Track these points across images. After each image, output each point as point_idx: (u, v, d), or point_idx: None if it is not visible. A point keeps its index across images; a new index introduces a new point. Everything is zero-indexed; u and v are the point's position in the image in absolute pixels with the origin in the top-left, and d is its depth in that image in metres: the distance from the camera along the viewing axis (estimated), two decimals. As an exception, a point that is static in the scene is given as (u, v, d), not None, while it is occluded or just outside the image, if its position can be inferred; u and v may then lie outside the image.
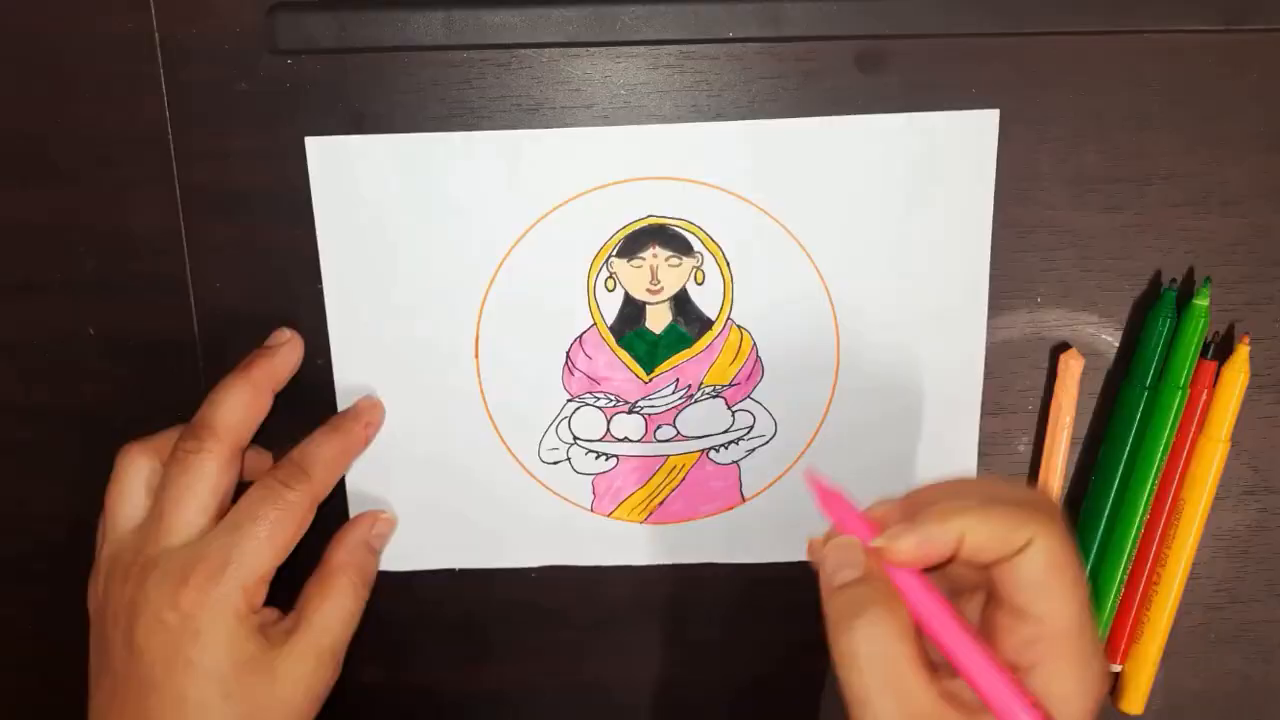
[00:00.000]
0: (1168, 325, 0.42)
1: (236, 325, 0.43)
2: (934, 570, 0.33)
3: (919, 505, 0.33)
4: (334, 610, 0.41)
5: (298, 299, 0.43)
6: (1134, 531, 0.44)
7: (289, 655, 0.39)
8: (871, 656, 0.31)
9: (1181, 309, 0.42)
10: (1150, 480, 0.43)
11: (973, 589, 0.35)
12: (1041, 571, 0.31)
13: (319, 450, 0.41)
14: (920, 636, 0.32)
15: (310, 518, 0.41)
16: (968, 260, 0.43)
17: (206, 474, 0.39)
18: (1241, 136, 0.42)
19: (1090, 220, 0.43)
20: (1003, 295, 0.44)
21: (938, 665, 0.32)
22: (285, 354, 0.42)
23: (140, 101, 0.42)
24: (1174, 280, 0.43)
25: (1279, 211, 0.43)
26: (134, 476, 0.41)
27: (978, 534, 0.32)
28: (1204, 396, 0.43)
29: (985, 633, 0.33)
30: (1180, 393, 0.42)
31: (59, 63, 0.42)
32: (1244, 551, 0.45)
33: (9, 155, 0.42)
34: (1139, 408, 0.43)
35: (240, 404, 0.40)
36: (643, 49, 0.42)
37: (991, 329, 0.44)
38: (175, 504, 0.39)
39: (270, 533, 0.39)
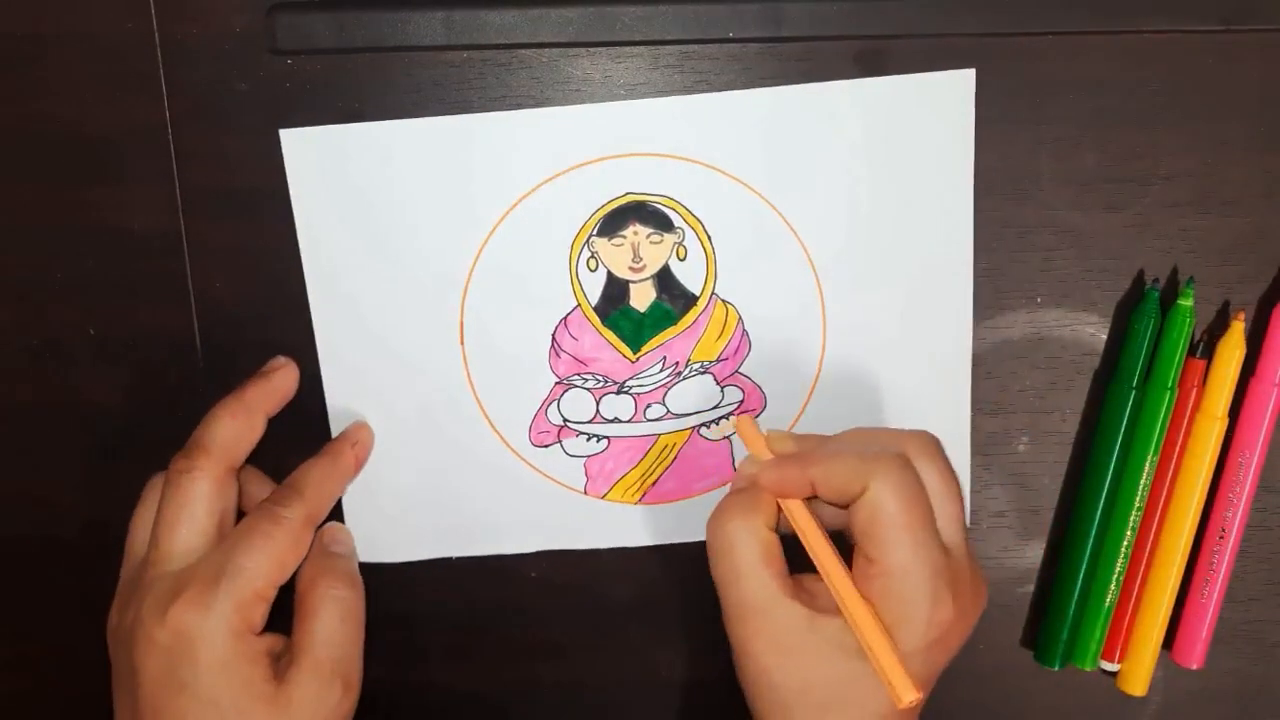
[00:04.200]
0: (1152, 325, 0.42)
1: (236, 325, 0.43)
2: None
3: (809, 445, 0.39)
4: (322, 624, 0.40)
5: (298, 299, 0.43)
6: (1127, 532, 0.44)
7: (290, 683, 0.38)
8: (723, 548, 0.37)
9: (1168, 310, 0.42)
10: (1139, 482, 0.43)
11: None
12: (867, 519, 0.36)
13: (309, 472, 0.42)
14: (778, 543, 0.38)
15: (307, 538, 0.41)
16: (951, 221, 0.43)
17: (199, 494, 0.39)
18: (1241, 136, 0.42)
19: (1090, 220, 0.43)
20: (1003, 295, 0.44)
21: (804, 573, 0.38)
22: (279, 378, 0.42)
23: (140, 101, 0.42)
24: (1156, 280, 0.43)
25: (1279, 211, 0.43)
26: (152, 505, 0.41)
27: (823, 481, 0.37)
28: (1193, 396, 0.43)
29: (853, 560, 0.37)
30: (1169, 393, 0.42)
31: (59, 63, 0.42)
32: (1244, 551, 0.45)
33: (9, 154, 0.42)
34: (1126, 407, 0.43)
35: (232, 424, 0.40)
36: (643, 49, 0.42)
37: (991, 329, 0.44)
38: (168, 524, 0.39)
39: (264, 546, 0.39)
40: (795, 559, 0.38)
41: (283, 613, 0.40)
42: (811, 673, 0.36)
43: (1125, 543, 0.44)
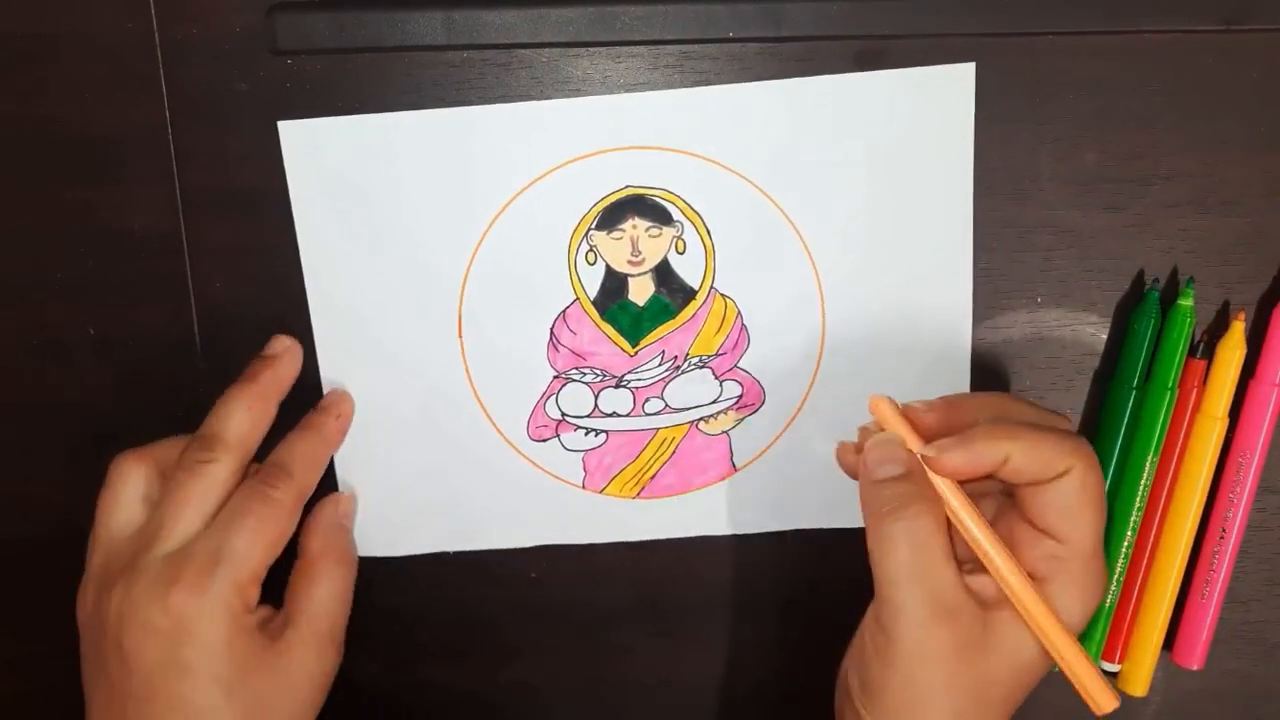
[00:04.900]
0: (1152, 325, 0.42)
1: (236, 325, 0.43)
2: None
3: (960, 417, 0.37)
4: (324, 595, 0.41)
5: (298, 298, 0.43)
6: (1127, 533, 0.44)
7: (288, 647, 0.40)
8: (911, 546, 0.35)
9: (1168, 310, 0.42)
10: (1139, 482, 0.43)
11: (983, 495, 0.38)
12: (1074, 499, 0.35)
13: (295, 448, 0.42)
14: (950, 534, 0.36)
15: (297, 515, 0.41)
16: (951, 215, 0.42)
17: (215, 483, 0.40)
18: (1241, 136, 0.42)
19: (1090, 220, 0.43)
20: (1003, 295, 0.44)
21: (963, 561, 0.36)
22: (286, 362, 0.42)
23: (140, 101, 0.42)
24: (1156, 280, 0.43)
25: (1279, 211, 0.43)
26: (128, 486, 0.41)
27: (1023, 458, 0.35)
28: (1193, 396, 0.43)
29: (1005, 541, 0.36)
30: (1169, 393, 0.42)
31: (59, 63, 0.42)
32: (1244, 551, 0.45)
33: (9, 154, 0.42)
34: (1126, 407, 0.43)
35: (248, 414, 0.41)
36: (643, 49, 0.42)
37: (991, 329, 0.44)
38: (177, 511, 0.39)
39: (259, 528, 0.39)
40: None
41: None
42: (993, 672, 0.36)
43: (1125, 543, 0.44)
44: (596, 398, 0.44)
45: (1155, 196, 0.43)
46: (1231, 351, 0.42)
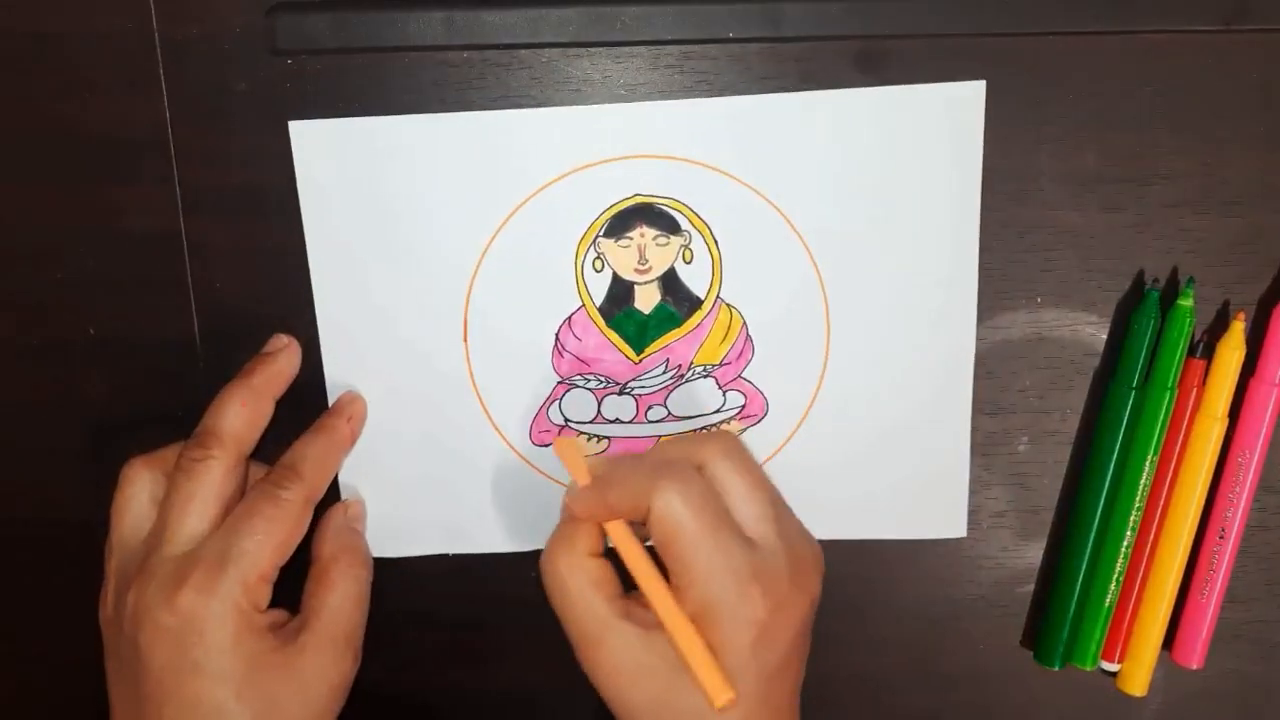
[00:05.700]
0: (1152, 325, 0.42)
1: (236, 325, 0.43)
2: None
3: (620, 467, 0.38)
4: (339, 598, 0.41)
5: (297, 299, 0.43)
6: (1127, 533, 0.44)
7: (303, 649, 0.39)
8: (554, 584, 0.38)
9: (1168, 310, 0.42)
10: (1139, 482, 0.43)
11: None
12: (660, 533, 0.36)
13: (306, 450, 0.42)
14: (606, 567, 0.38)
15: (307, 517, 0.41)
16: (958, 231, 0.42)
17: (212, 480, 0.40)
18: (1241, 136, 0.42)
19: (1090, 220, 0.43)
20: (1003, 295, 0.44)
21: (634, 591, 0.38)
22: (284, 359, 0.42)
23: (140, 101, 0.42)
24: (1156, 280, 0.43)
25: (1279, 211, 0.43)
26: (138, 489, 0.41)
27: (620, 502, 0.37)
28: (1193, 396, 0.43)
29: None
30: (1169, 393, 0.42)
31: (59, 63, 0.42)
32: (1243, 550, 0.45)
33: (9, 155, 0.42)
34: (1126, 407, 0.43)
35: (243, 412, 0.41)
36: (643, 49, 0.42)
37: (991, 329, 0.44)
38: (179, 511, 0.39)
39: (267, 530, 0.39)
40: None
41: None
42: (656, 691, 0.37)
43: (1125, 543, 0.44)
44: (600, 404, 0.44)
45: (1155, 196, 0.43)
46: (1231, 351, 0.42)
